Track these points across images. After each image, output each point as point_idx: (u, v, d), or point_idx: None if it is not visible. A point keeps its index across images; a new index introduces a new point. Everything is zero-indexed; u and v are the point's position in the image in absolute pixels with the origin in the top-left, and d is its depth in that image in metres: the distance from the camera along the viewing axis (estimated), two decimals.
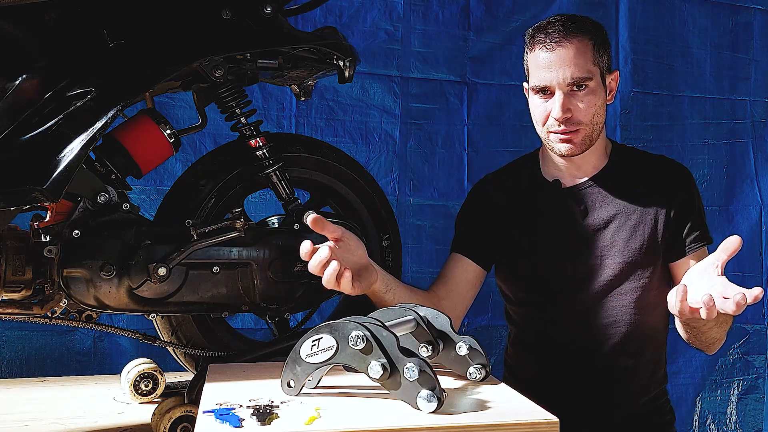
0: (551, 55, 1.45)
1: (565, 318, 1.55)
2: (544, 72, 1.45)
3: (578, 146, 1.49)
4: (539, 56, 1.46)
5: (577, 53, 1.44)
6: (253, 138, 1.39)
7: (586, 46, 1.46)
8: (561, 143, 1.49)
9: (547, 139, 1.53)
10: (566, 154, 1.51)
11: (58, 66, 1.17)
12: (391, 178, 2.46)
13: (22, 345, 2.13)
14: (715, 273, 1.23)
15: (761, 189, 2.79)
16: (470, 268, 1.61)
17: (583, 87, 1.46)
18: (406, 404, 0.92)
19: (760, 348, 2.80)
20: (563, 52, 1.44)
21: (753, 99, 2.83)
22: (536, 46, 1.47)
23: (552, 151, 1.54)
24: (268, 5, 1.31)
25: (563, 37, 1.45)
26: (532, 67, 1.49)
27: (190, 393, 1.29)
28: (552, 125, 1.49)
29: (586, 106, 1.46)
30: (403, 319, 1.07)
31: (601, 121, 1.51)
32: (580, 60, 1.44)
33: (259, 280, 1.35)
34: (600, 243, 1.53)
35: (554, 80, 1.45)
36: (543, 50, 1.46)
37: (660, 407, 1.59)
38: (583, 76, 1.45)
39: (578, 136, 1.48)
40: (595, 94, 1.47)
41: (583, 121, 1.47)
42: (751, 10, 2.82)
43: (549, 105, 1.47)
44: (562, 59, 1.44)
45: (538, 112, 1.51)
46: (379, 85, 2.46)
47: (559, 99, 1.45)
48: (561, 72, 1.44)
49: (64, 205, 1.26)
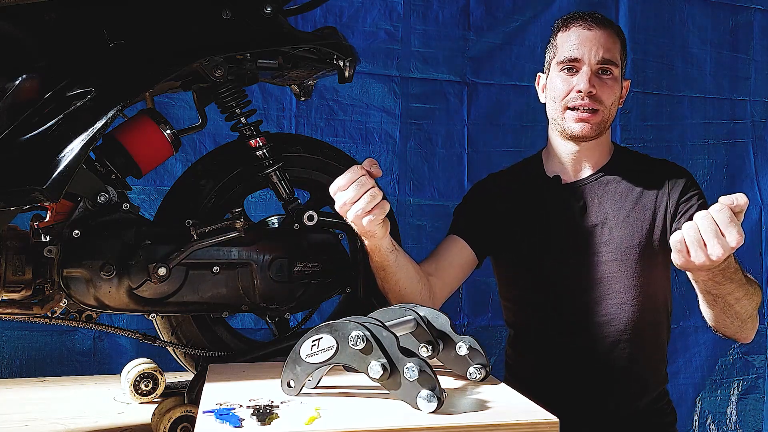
0: (588, 33, 1.53)
1: (563, 316, 1.55)
2: (578, 46, 1.53)
3: (593, 128, 1.52)
4: (575, 33, 1.54)
5: (610, 39, 1.54)
6: (253, 138, 1.39)
7: (616, 38, 1.56)
8: (577, 122, 1.52)
9: (561, 118, 1.54)
10: (579, 134, 1.53)
11: (58, 66, 1.17)
12: (391, 178, 2.46)
13: (22, 345, 2.13)
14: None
15: (761, 189, 2.79)
16: (465, 251, 1.60)
17: (608, 72, 1.53)
18: (406, 404, 0.92)
19: (760, 348, 2.81)
20: (599, 32, 1.53)
21: (753, 99, 2.83)
22: (572, 25, 1.55)
23: (562, 134, 1.55)
24: (268, 5, 1.31)
25: (600, 23, 1.54)
26: (563, 44, 1.55)
27: (190, 393, 1.29)
28: (573, 99, 1.52)
29: (608, 90, 1.53)
30: (403, 319, 1.07)
31: (613, 113, 1.56)
32: (611, 45, 1.53)
33: (259, 280, 1.35)
34: (598, 240, 1.53)
35: (587, 54, 1.51)
36: (581, 28, 1.54)
37: (661, 408, 1.59)
38: (612, 59, 1.53)
39: (595, 118, 1.52)
40: (616, 83, 1.55)
41: (604, 102, 1.52)
42: (751, 10, 2.82)
43: (574, 80, 1.53)
44: (597, 38, 1.52)
45: (560, 87, 1.55)
46: (379, 85, 2.46)
47: (586, 73, 1.51)
48: (594, 49, 1.51)
49: (64, 205, 1.26)
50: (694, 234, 1.14)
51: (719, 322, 1.39)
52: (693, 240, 1.14)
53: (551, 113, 1.58)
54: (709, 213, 1.13)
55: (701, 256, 1.14)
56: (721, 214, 1.12)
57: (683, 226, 1.16)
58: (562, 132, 1.55)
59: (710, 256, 1.13)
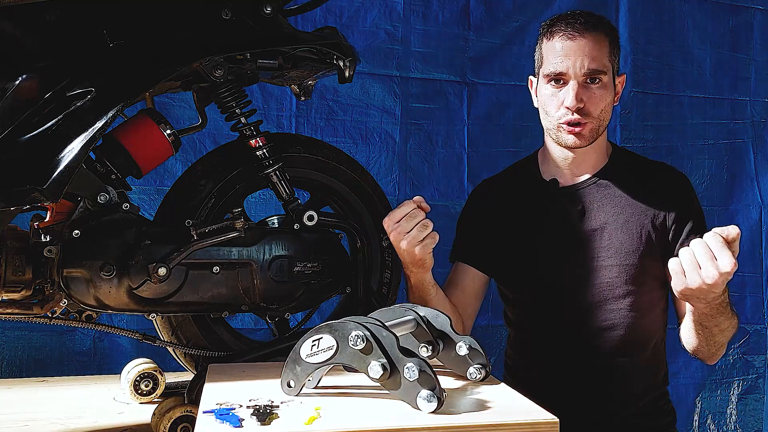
0: (571, 44, 1.47)
1: (563, 320, 1.55)
2: (562, 59, 1.48)
3: (585, 138, 1.51)
4: (558, 44, 1.49)
5: (595, 46, 1.47)
6: (253, 138, 1.39)
7: (603, 41, 1.49)
8: (569, 134, 1.50)
9: (554, 130, 1.53)
10: (572, 145, 1.52)
11: (58, 66, 1.17)
12: (391, 178, 2.46)
13: (22, 345, 2.13)
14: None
15: (761, 189, 2.79)
16: (477, 278, 1.63)
17: (596, 80, 1.48)
18: (406, 404, 0.92)
19: (760, 348, 2.81)
20: (583, 42, 1.47)
21: (753, 99, 2.83)
22: (556, 34, 1.49)
23: (557, 143, 1.55)
24: (268, 5, 1.31)
25: (584, 28, 1.47)
26: (548, 55, 1.51)
27: (190, 393, 1.29)
28: (564, 115, 1.49)
29: (597, 99, 1.49)
30: (403, 319, 1.07)
31: (607, 118, 1.53)
32: (597, 53, 1.47)
33: (259, 280, 1.35)
34: (597, 244, 1.53)
35: (571, 68, 1.47)
36: (563, 38, 1.48)
37: (660, 408, 1.59)
38: (599, 68, 1.47)
39: (586, 129, 1.50)
40: (606, 89, 1.50)
41: (593, 113, 1.49)
42: (751, 10, 2.82)
43: (562, 94, 1.49)
44: (581, 49, 1.47)
45: (549, 101, 1.52)
46: (379, 85, 2.46)
47: (573, 87, 1.47)
48: (579, 61, 1.46)
49: (64, 205, 1.26)
50: (690, 257, 1.20)
51: (699, 347, 1.47)
52: (689, 263, 1.20)
53: (544, 123, 1.57)
54: (703, 239, 1.20)
55: (696, 278, 1.20)
56: (713, 240, 1.19)
57: (680, 251, 1.23)
58: (557, 142, 1.55)
59: (705, 279, 1.19)
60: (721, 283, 1.20)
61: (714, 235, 1.19)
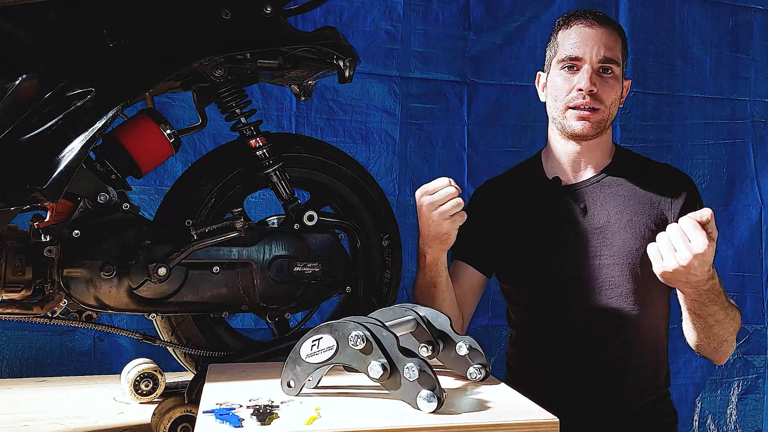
0: (589, 31, 1.53)
1: (564, 319, 1.55)
2: (579, 45, 1.52)
3: (593, 126, 1.52)
4: (576, 31, 1.54)
5: (611, 38, 1.53)
6: (253, 138, 1.39)
7: (618, 37, 1.55)
8: (578, 120, 1.52)
9: (562, 117, 1.55)
10: (579, 133, 1.53)
11: (58, 66, 1.17)
12: (391, 178, 2.46)
13: (22, 345, 2.13)
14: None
15: (761, 189, 2.79)
16: (474, 276, 1.64)
17: (609, 71, 1.53)
18: (406, 404, 0.92)
19: (760, 348, 2.80)
20: (601, 31, 1.53)
21: (753, 99, 2.82)
22: (574, 24, 1.55)
23: (562, 132, 1.55)
24: (268, 5, 1.31)
25: (601, 21, 1.54)
26: (564, 42, 1.55)
27: (190, 393, 1.29)
28: (575, 98, 1.52)
29: (609, 89, 1.53)
30: (403, 319, 1.07)
31: (614, 113, 1.56)
32: (612, 44, 1.53)
33: (259, 280, 1.35)
34: (600, 243, 1.53)
35: (588, 53, 1.51)
36: (582, 26, 1.54)
37: (662, 409, 1.59)
38: (613, 58, 1.52)
39: (596, 116, 1.52)
40: (617, 81, 1.55)
41: (604, 101, 1.52)
42: (751, 10, 2.82)
43: (575, 79, 1.52)
44: (599, 37, 1.52)
45: (561, 86, 1.55)
46: (379, 85, 2.46)
47: (588, 71, 1.51)
48: (596, 48, 1.51)
49: (64, 205, 1.26)
50: (665, 241, 1.25)
51: (700, 341, 1.47)
52: (664, 245, 1.25)
53: (552, 112, 1.58)
54: (678, 223, 1.24)
55: (672, 260, 1.24)
56: (687, 222, 1.23)
57: (657, 236, 1.27)
58: (563, 131, 1.55)
59: (680, 261, 1.23)
60: (698, 264, 1.23)
61: (687, 219, 1.23)
